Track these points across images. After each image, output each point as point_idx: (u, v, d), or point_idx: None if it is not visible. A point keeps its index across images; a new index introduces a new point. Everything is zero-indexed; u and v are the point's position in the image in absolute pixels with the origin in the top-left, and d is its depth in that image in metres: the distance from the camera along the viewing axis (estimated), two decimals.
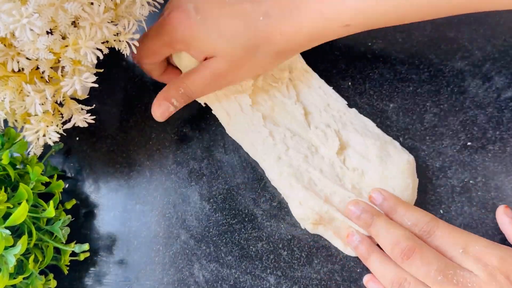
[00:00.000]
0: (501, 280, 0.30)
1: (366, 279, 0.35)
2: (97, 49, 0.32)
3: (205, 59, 0.35)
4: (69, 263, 0.38)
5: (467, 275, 0.30)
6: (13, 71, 0.31)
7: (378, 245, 0.34)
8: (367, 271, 0.36)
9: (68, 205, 0.41)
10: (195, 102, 0.43)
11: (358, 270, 0.36)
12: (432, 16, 0.31)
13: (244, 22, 0.33)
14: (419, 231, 0.33)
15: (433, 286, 0.31)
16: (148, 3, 0.36)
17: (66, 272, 0.38)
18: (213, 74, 0.35)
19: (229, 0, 0.34)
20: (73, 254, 0.38)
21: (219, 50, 0.34)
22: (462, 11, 0.31)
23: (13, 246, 0.32)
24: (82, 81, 0.32)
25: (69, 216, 0.38)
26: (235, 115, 0.39)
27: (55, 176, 0.40)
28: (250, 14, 0.33)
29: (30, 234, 0.34)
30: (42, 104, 0.32)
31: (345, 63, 0.41)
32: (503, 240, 0.35)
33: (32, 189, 0.35)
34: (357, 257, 0.36)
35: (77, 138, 0.44)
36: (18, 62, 0.31)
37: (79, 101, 0.37)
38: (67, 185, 0.43)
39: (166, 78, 0.41)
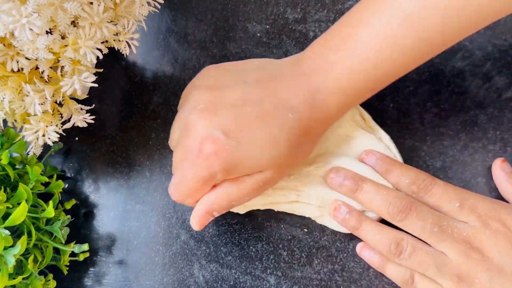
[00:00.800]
0: (495, 225, 0.31)
1: (359, 247, 0.35)
2: (97, 49, 0.32)
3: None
4: (68, 263, 0.38)
5: (461, 225, 0.32)
6: (12, 71, 0.31)
7: None
8: (367, 271, 0.36)
9: (68, 205, 0.41)
10: None
11: (358, 270, 0.36)
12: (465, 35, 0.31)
13: (278, 126, 0.31)
14: (417, 188, 0.33)
15: (429, 239, 0.32)
16: (148, 3, 0.36)
17: (65, 272, 0.38)
18: (262, 184, 0.32)
19: (249, 107, 0.31)
20: (73, 254, 0.38)
21: (265, 165, 0.31)
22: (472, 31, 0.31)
23: (12, 246, 0.31)
24: (82, 81, 0.32)
25: (69, 216, 0.38)
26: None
27: (55, 176, 0.39)
28: (277, 117, 0.31)
29: (29, 234, 0.34)
30: (42, 104, 0.32)
31: None
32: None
33: (31, 189, 0.35)
34: (356, 257, 0.36)
35: (77, 138, 0.44)
36: (17, 62, 0.31)
37: (78, 101, 0.37)
38: (66, 185, 0.43)
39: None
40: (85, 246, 0.37)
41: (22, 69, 0.32)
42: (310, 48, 0.33)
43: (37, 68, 0.32)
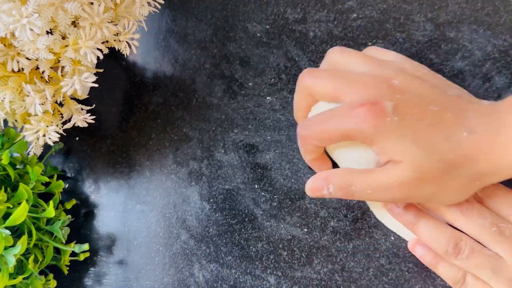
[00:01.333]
0: None
1: (411, 244, 0.34)
2: (97, 49, 0.32)
3: (384, 163, 0.30)
4: (69, 263, 0.38)
5: None
6: (13, 71, 0.31)
7: None
8: (367, 271, 0.36)
9: (68, 205, 0.41)
10: (195, 101, 0.43)
11: (358, 270, 0.36)
12: None
13: (445, 134, 0.28)
14: (480, 190, 0.32)
15: (487, 237, 0.31)
16: (148, 3, 0.36)
17: (66, 272, 0.38)
18: (392, 181, 0.29)
19: (433, 107, 0.29)
20: (73, 254, 0.38)
21: (409, 156, 0.29)
22: None
23: (13, 246, 0.32)
24: (82, 81, 0.32)
25: (69, 216, 0.38)
26: None
27: (55, 176, 0.40)
28: (452, 127, 0.29)
29: (30, 234, 0.34)
30: (42, 104, 0.32)
31: None
32: None
33: (32, 189, 0.35)
34: (356, 257, 0.36)
35: (77, 138, 0.44)
36: (18, 62, 0.31)
37: (79, 101, 0.37)
38: (67, 185, 0.43)
39: (316, 164, 0.35)
40: (86, 246, 0.37)
41: (22, 69, 0.32)
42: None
43: (37, 68, 0.32)
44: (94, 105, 0.38)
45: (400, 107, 0.29)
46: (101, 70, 0.36)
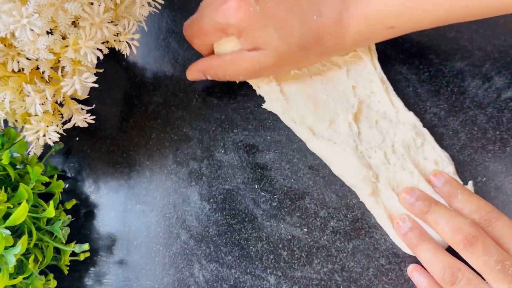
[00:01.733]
0: None
1: (410, 269, 0.35)
2: (97, 49, 0.32)
3: (251, 49, 0.35)
4: (69, 263, 0.38)
5: None
6: (13, 71, 0.31)
7: None
8: (367, 271, 0.36)
9: (68, 205, 0.41)
10: (195, 101, 0.43)
11: (358, 270, 0.36)
12: (474, 17, 0.31)
13: (300, 19, 0.33)
14: (479, 219, 0.32)
15: (490, 275, 0.30)
16: (148, 3, 0.36)
17: (66, 272, 0.38)
18: (258, 66, 0.35)
19: None
20: (73, 254, 0.38)
21: (271, 44, 0.34)
22: (506, 11, 0.30)
23: (13, 246, 0.32)
24: (82, 81, 0.32)
25: (69, 216, 0.38)
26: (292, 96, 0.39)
27: (55, 176, 0.40)
28: (305, 11, 0.33)
29: (30, 234, 0.34)
30: (42, 104, 0.32)
31: None
32: None
33: (32, 189, 0.35)
34: (356, 257, 0.36)
35: (77, 138, 0.44)
36: (18, 62, 0.31)
37: (79, 101, 0.37)
38: (67, 185, 0.43)
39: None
40: (86, 246, 0.37)
41: (22, 69, 0.32)
42: None
43: (37, 68, 0.32)
44: (94, 105, 0.38)
45: None
46: (101, 70, 0.36)
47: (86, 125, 0.36)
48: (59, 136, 0.34)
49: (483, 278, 0.31)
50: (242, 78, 0.38)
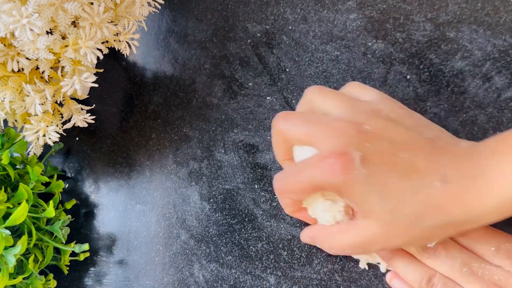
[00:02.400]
0: None
1: (389, 276, 0.35)
2: (97, 49, 0.32)
3: (354, 216, 0.31)
4: (69, 263, 0.38)
5: (493, 269, 0.30)
6: (13, 71, 0.31)
7: None
8: (367, 271, 0.36)
9: (68, 205, 0.41)
10: (195, 101, 0.43)
11: (358, 270, 0.36)
12: None
13: (413, 186, 0.27)
14: None
15: (458, 279, 0.30)
16: (148, 3, 0.36)
17: (66, 272, 0.38)
18: (362, 239, 0.30)
19: (403, 154, 0.28)
20: (73, 254, 0.38)
21: (376, 213, 0.28)
22: None
23: (13, 246, 0.32)
24: (82, 81, 0.32)
25: (69, 216, 0.38)
26: None
27: (55, 176, 0.40)
28: (423, 176, 0.27)
29: (30, 234, 0.34)
30: (42, 104, 0.32)
31: (345, 63, 0.41)
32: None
33: (32, 189, 0.35)
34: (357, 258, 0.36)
35: (77, 138, 0.44)
36: (18, 62, 0.31)
37: (79, 101, 0.37)
38: (67, 185, 0.43)
39: (299, 215, 0.36)
40: (86, 246, 0.37)
41: (22, 69, 0.32)
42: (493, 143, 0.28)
43: (37, 68, 0.32)
44: (94, 105, 0.38)
45: (368, 157, 0.28)
46: (101, 70, 0.36)
47: (86, 125, 0.36)
48: (59, 136, 0.34)
49: None
50: (350, 252, 0.32)
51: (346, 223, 0.31)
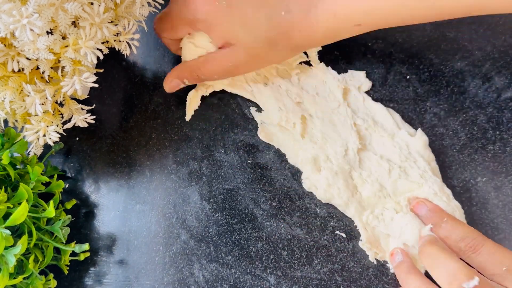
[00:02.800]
0: None
1: None
2: (97, 49, 0.32)
3: (222, 46, 0.36)
4: (69, 263, 0.39)
5: None
6: (13, 71, 0.31)
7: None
8: (367, 271, 0.36)
9: (68, 205, 0.41)
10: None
11: (358, 270, 0.36)
12: (440, 17, 0.31)
13: (267, 14, 0.33)
14: (465, 246, 0.32)
15: None
16: (148, 3, 0.36)
17: (66, 272, 0.38)
18: (230, 64, 0.36)
19: None
20: (73, 254, 0.38)
21: (240, 39, 0.34)
22: (471, 13, 0.31)
23: (13, 246, 0.32)
24: (82, 81, 0.32)
25: (69, 216, 0.38)
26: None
27: (55, 176, 0.40)
28: (273, 7, 0.33)
29: (30, 234, 0.34)
30: (42, 104, 0.32)
31: (345, 63, 0.41)
32: (502, 240, 0.35)
33: (32, 189, 0.35)
34: (356, 257, 0.36)
35: (77, 138, 0.44)
36: (18, 62, 0.31)
37: (79, 101, 0.37)
38: (67, 185, 0.43)
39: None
40: (86, 246, 0.37)
41: (22, 69, 0.32)
42: None
43: (37, 68, 0.32)
44: (94, 105, 0.38)
45: None
46: (101, 70, 0.36)
47: (86, 125, 0.36)
48: (59, 136, 0.34)
49: None
50: (218, 78, 0.39)
51: (213, 52, 0.37)
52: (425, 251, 0.32)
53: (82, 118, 0.36)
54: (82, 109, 0.36)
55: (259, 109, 0.41)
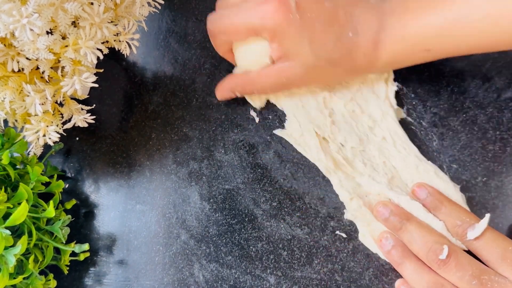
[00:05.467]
0: None
1: (397, 284, 0.35)
2: (97, 49, 0.32)
3: (277, 58, 0.34)
4: (69, 263, 0.39)
5: (502, 281, 0.30)
6: (13, 71, 0.31)
7: None
8: (367, 271, 0.36)
9: (68, 205, 0.41)
10: (195, 101, 0.43)
11: (358, 270, 0.36)
12: None
13: (335, 34, 0.32)
14: (462, 231, 0.32)
15: None
16: (148, 3, 0.36)
17: (66, 272, 0.38)
18: (285, 79, 0.34)
19: (328, 3, 0.32)
20: (73, 254, 0.38)
21: (301, 55, 0.33)
22: None
23: (13, 246, 0.32)
24: (82, 81, 0.32)
25: (69, 216, 0.38)
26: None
27: (55, 176, 0.40)
28: (342, 27, 0.32)
29: (30, 234, 0.34)
30: (42, 104, 0.32)
31: None
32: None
33: (32, 189, 0.35)
34: (356, 257, 0.36)
35: (77, 138, 0.44)
36: (18, 62, 0.31)
37: (79, 101, 0.37)
38: (67, 185, 0.43)
39: (230, 56, 0.39)
40: (86, 246, 0.37)
41: (22, 69, 0.32)
42: None
43: (37, 68, 0.32)
44: (94, 105, 0.38)
45: (301, 3, 0.32)
46: (101, 70, 0.36)
47: (86, 125, 0.36)
48: (59, 136, 0.34)
49: None
50: (271, 91, 0.37)
51: (268, 67, 0.35)
52: (402, 227, 0.33)
53: (82, 118, 0.36)
54: (82, 109, 0.36)
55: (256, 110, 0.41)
